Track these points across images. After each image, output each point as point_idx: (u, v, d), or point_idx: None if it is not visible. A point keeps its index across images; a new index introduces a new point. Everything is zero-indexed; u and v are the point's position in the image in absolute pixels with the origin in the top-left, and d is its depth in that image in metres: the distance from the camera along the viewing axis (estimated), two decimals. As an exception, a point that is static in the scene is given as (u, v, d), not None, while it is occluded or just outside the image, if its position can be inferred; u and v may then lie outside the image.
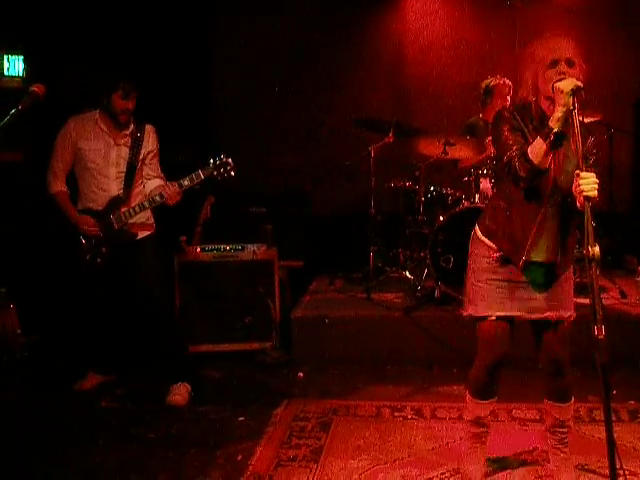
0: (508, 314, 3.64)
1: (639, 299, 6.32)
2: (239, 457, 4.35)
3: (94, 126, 5.23)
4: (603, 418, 4.54)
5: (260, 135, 8.69)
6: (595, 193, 3.06)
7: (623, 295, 6.44)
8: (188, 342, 6.07)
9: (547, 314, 3.63)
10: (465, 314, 3.81)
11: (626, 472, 3.00)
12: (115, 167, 5.24)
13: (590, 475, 3.96)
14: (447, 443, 4.46)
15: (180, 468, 4.24)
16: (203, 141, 8.28)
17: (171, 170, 5.43)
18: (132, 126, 5.28)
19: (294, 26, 8.75)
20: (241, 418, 4.98)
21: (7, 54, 6.50)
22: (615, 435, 3.05)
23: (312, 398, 5.31)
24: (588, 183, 3.07)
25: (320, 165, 8.72)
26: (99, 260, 5.27)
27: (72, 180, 5.41)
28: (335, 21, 8.71)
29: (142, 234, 5.36)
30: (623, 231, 7.14)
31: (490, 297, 3.65)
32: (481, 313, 3.68)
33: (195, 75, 8.44)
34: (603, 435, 4.31)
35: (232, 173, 5.05)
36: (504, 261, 3.62)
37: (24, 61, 6.58)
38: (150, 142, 5.34)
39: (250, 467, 4.20)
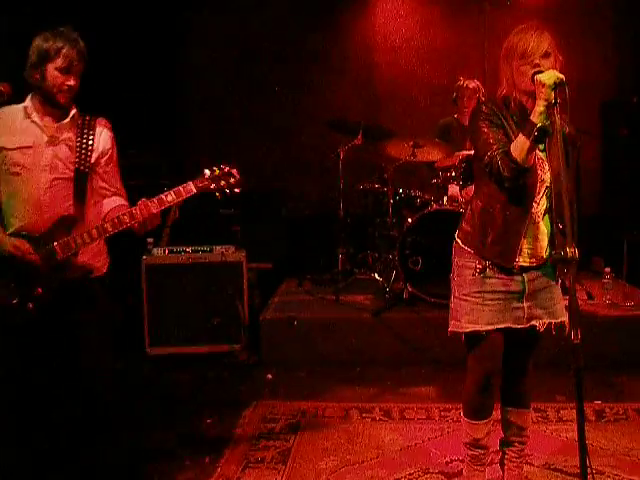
0: (498, 327, 3.40)
1: (605, 300, 6.37)
2: (207, 459, 4.33)
3: (23, 117, 3.64)
4: (570, 418, 4.64)
5: (229, 135, 8.68)
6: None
7: (590, 296, 6.50)
8: (157, 344, 6.07)
9: (533, 322, 3.44)
10: (449, 331, 3.55)
11: (593, 471, 3.02)
12: (49, 172, 3.62)
13: (556, 474, 4.00)
14: (415, 444, 4.46)
15: (148, 470, 4.21)
16: (170, 140, 8.25)
17: (134, 174, 4.88)
18: (74, 112, 3.70)
19: (264, 26, 8.73)
20: (209, 420, 4.96)
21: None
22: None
23: (281, 400, 5.29)
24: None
25: (289, 167, 8.73)
26: (31, 306, 3.55)
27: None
28: (305, 22, 8.71)
29: (90, 273, 3.74)
30: (589, 233, 7.20)
31: (477, 311, 3.42)
32: (468, 328, 3.44)
33: (163, 73, 8.41)
34: (570, 435, 4.40)
35: (237, 190, 3.69)
36: (488, 271, 3.41)
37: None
38: (103, 140, 3.75)
39: (218, 469, 4.19)
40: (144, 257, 6.34)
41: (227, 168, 3.67)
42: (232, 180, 3.66)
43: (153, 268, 6.37)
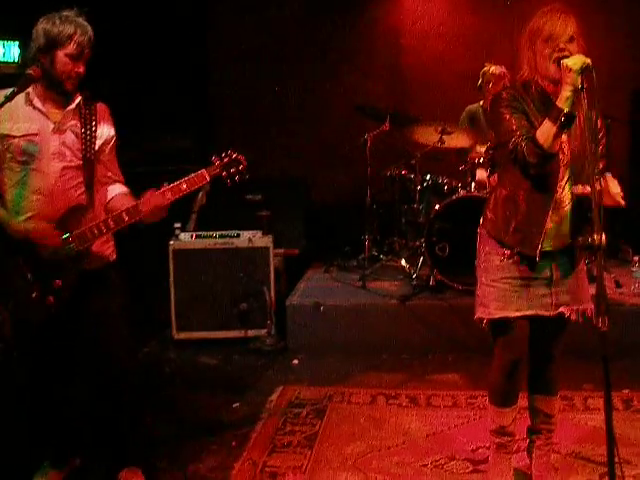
0: (527, 314, 3.40)
1: (634, 289, 6.32)
2: (233, 443, 4.36)
3: (24, 104, 3.53)
4: (597, 407, 4.61)
5: (257, 122, 8.69)
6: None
7: (618, 285, 6.44)
8: (184, 329, 6.11)
9: (562, 310, 3.42)
10: (476, 318, 3.54)
11: (620, 460, 3.00)
12: (58, 160, 3.56)
13: (583, 462, 3.98)
14: (442, 430, 4.46)
15: (175, 454, 4.24)
16: (201, 129, 8.28)
17: (167, 159, 4.82)
18: (79, 99, 3.64)
19: (294, 13, 8.73)
20: (236, 404, 4.98)
21: (2, 40, 6.47)
22: (609, 423, 3.03)
23: (307, 385, 5.31)
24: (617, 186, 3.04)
25: (317, 153, 8.73)
26: (52, 299, 3.50)
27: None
28: (334, 8, 8.69)
29: (104, 261, 3.75)
30: (619, 221, 7.13)
31: (506, 297, 3.41)
32: (496, 315, 3.43)
33: (193, 61, 8.45)
34: (597, 423, 4.37)
35: (245, 175, 3.70)
36: (516, 257, 3.40)
37: (19, 47, 6.54)
38: (106, 127, 3.72)
39: (245, 453, 4.21)
40: (171, 242, 6.36)
41: (235, 155, 3.69)
42: (240, 167, 3.68)
43: (180, 253, 6.38)
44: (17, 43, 6.55)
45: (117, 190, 3.75)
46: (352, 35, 8.79)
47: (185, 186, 3.55)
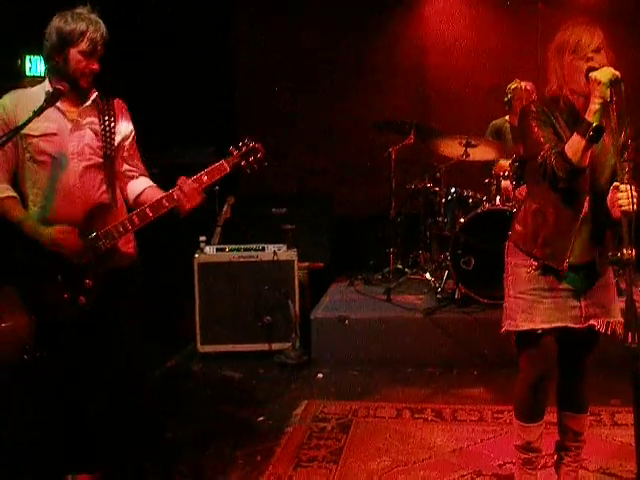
0: (554, 326, 3.33)
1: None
2: (258, 457, 4.35)
3: (42, 101, 3.40)
4: (625, 422, 4.56)
5: (282, 137, 8.68)
6: (634, 207, 2.90)
7: (645, 298, 6.38)
8: (209, 342, 6.13)
9: (592, 322, 3.36)
10: (503, 330, 3.49)
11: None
12: (78, 160, 3.51)
13: (611, 479, 3.94)
14: (468, 445, 4.44)
15: (199, 468, 4.24)
16: (225, 143, 8.31)
17: (191, 173, 4.83)
18: (95, 95, 3.60)
19: (314, 29, 8.77)
20: (260, 418, 4.98)
21: (29, 54, 6.52)
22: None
23: (332, 399, 5.29)
24: (626, 197, 2.92)
25: (341, 167, 8.75)
26: (84, 299, 3.47)
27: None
28: (355, 23, 8.72)
29: (130, 259, 3.70)
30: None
31: (534, 309, 3.35)
32: (523, 327, 3.37)
33: (216, 77, 8.51)
34: (625, 439, 4.33)
35: (264, 163, 3.63)
36: (544, 269, 3.35)
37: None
38: (125, 122, 3.69)
39: (270, 467, 4.20)
40: (196, 255, 6.38)
41: (252, 144, 3.62)
42: (259, 155, 3.61)
43: (205, 266, 6.39)
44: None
45: (144, 184, 3.72)
46: (375, 51, 8.82)
47: (206, 178, 3.52)
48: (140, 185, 3.71)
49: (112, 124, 3.59)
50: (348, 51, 8.79)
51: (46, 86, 3.53)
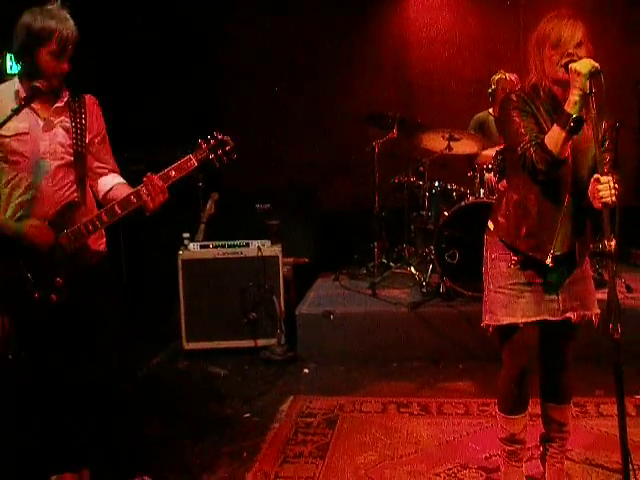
0: (533, 319, 3.36)
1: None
2: (245, 454, 4.35)
3: (13, 101, 3.41)
4: (610, 413, 4.58)
5: (266, 133, 8.67)
6: (613, 199, 2.93)
7: (629, 289, 6.41)
8: (194, 339, 6.11)
9: (568, 314, 3.38)
10: (484, 324, 3.52)
11: (635, 467, 2.98)
12: (49, 159, 3.48)
13: (597, 469, 3.95)
14: (454, 439, 4.45)
15: (186, 465, 4.23)
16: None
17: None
18: (66, 95, 3.56)
19: (302, 25, 8.73)
20: (247, 415, 4.98)
21: (10, 53, 6.48)
22: (623, 430, 3.02)
23: (318, 394, 5.29)
24: (606, 189, 2.94)
25: (325, 162, 8.72)
26: (55, 298, 3.45)
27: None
28: (338, 17, 8.70)
29: (100, 255, 3.68)
30: (628, 224, 7.12)
31: (514, 303, 3.38)
32: (504, 321, 3.40)
33: (201, 74, 8.48)
34: (610, 430, 4.35)
35: (233, 155, 3.57)
36: (524, 263, 3.37)
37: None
38: (96, 120, 3.65)
39: (256, 464, 4.20)
40: (180, 252, 6.36)
41: (221, 136, 3.57)
42: (227, 147, 3.56)
43: (189, 263, 6.37)
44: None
45: (114, 180, 3.70)
46: (359, 44, 8.79)
47: (174, 173, 3.49)
48: (109, 182, 3.70)
49: (83, 121, 3.56)
50: (332, 46, 8.75)
51: (15, 84, 3.48)
